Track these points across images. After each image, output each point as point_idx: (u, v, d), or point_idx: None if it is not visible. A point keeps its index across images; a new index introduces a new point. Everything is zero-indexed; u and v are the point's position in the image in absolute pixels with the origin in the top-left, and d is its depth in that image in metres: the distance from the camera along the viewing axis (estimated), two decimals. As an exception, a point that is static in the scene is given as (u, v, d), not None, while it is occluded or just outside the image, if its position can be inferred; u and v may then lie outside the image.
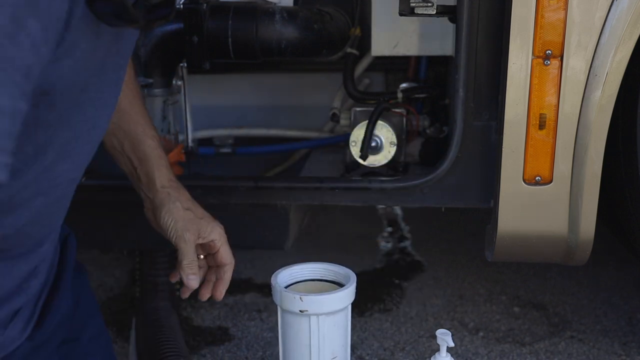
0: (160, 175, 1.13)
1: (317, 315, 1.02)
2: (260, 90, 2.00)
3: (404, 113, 1.62)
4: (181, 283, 1.12)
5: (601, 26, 1.24)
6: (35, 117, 0.71)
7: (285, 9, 1.65)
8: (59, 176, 0.83)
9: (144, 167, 1.12)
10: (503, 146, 1.31)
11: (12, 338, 0.88)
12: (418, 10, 1.31)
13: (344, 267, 1.11)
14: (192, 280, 1.11)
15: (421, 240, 2.37)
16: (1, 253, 0.83)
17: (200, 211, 1.14)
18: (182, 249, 1.10)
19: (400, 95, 1.64)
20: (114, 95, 0.89)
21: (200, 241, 1.12)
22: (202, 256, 1.17)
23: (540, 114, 1.28)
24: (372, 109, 1.53)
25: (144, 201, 1.16)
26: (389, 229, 2.48)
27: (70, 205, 1.01)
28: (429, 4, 1.31)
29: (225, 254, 1.15)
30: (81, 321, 1.08)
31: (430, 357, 1.13)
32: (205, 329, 1.78)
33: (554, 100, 1.27)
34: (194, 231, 1.10)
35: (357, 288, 1.07)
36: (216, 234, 1.13)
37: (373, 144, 1.52)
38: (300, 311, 1.01)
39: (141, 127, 1.13)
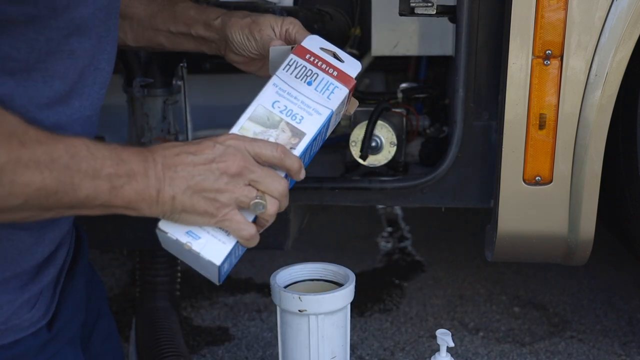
0: (206, 14, 1.11)
1: (317, 315, 1.02)
2: (260, 90, 2.00)
3: (404, 113, 1.62)
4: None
5: (601, 26, 1.24)
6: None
7: (285, 9, 1.65)
8: (75, 112, 0.86)
9: (193, 26, 1.11)
10: (503, 146, 1.31)
11: (33, 321, 0.89)
12: (418, 10, 1.31)
13: (343, 267, 1.11)
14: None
15: (421, 240, 2.37)
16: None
17: (263, 15, 1.10)
18: (261, 47, 1.08)
19: (400, 95, 1.64)
20: (113, 41, 0.92)
21: (273, 35, 1.08)
22: None
23: (540, 114, 1.28)
24: (372, 109, 1.53)
25: (221, 52, 1.13)
26: (389, 229, 2.48)
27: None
28: (429, 4, 1.31)
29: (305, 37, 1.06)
30: (92, 319, 1.08)
31: (430, 357, 1.13)
32: (205, 329, 1.79)
33: (554, 100, 1.27)
34: (261, 28, 1.07)
35: (356, 288, 1.07)
36: (288, 23, 1.08)
37: (373, 144, 1.52)
38: (300, 311, 1.01)
39: (168, 2, 1.13)
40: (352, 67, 1.01)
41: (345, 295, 1.05)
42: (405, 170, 1.58)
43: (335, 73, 0.98)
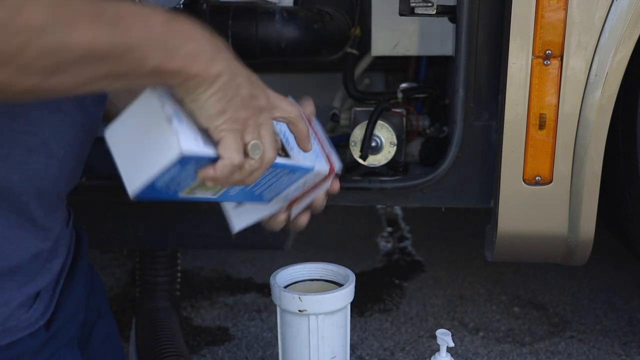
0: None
1: (317, 315, 1.02)
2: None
3: (404, 113, 1.62)
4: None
5: (601, 26, 1.24)
6: None
7: (285, 9, 1.65)
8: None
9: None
10: (503, 146, 1.31)
11: (31, 322, 0.88)
12: (418, 10, 1.31)
13: (343, 267, 1.11)
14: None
15: (421, 240, 2.37)
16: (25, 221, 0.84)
17: None
18: None
19: (400, 95, 1.64)
20: None
21: None
22: None
23: (540, 114, 1.28)
24: (372, 109, 1.53)
25: None
26: (389, 229, 2.48)
27: (71, 205, 1.02)
28: (429, 4, 1.31)
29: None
30: (92, 319, 1.08)
31: (430, 357, 1.13)
32: (205, 329, 1.79)
33: (554, 100, 1.27)
34: None
35: (356, 288, 1.07)
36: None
37: (373, 144, 1.52)
38: (300, 311, 1.01)
39: None
40: (337, 160, 1.03)
41: (345, 295, 1.05)
42: (405, 170, 1.58)
43: (326, 151, 1.02)
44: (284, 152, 0.93)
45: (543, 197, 1.33)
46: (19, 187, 0.83)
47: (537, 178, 1.32)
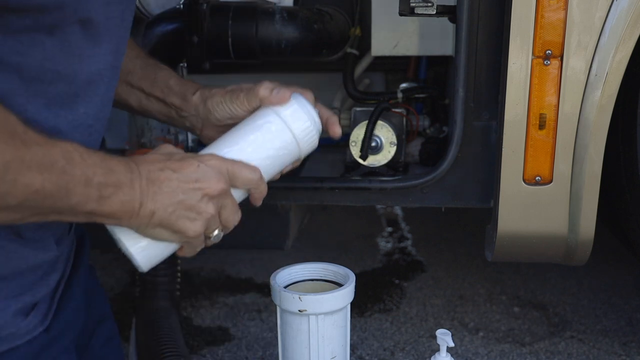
0: (186, 87, 1.08)
1: (317, 315, 1.02)
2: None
3: (404, 113, 1.62)
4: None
5: (601, 26, 1.24)
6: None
7: (285, 9, 1.65)
8: (77, 118, 0.85)
9: (169, 95, 1.09)
10: (503, 146, 1.31)
11: (29, 329, 0.88)
12: (418, 10, 1.31)
13: (343, 267, 1.11)
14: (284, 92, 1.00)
15: (421, 240, 2.37)
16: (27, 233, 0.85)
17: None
18: (252, 104, 1.02)
19: (400, 95, 1.64)
20: (122, 54, 0.92)
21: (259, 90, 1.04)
22: None
23: (540, 114, 1.28)
24: (372, 109, 1.53)
25: (195, 129, 1.10)
26: (389, 229, 2.48)
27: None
28: (429, 4, 1.31)
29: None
30: (93, 324, 1.08)
31: (430, 357, 1.13)
32: (205, 329, 1.78)
33: (554, 100, 1.27)
34: (243, 89, 1.04)
35: (356, 288, 1.07)
36: (266, 83, 1.04)
37: (373, 144, 1.52)
38: (300, 311, 1.01)
39: (151, 64, 1.11)
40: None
41: (345, 296, 1.05)
42: (405, 170, 1.58)
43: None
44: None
45: (543, 197, 1.33)
46: None
47: (537, 178, 1.32)
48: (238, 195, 0.93)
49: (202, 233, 0.87)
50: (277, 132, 0.97)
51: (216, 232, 0.89)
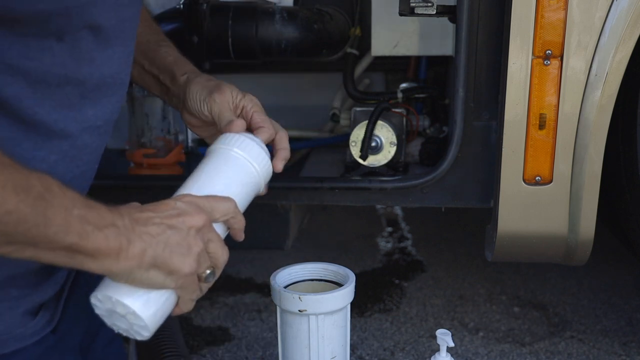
0: (178, 67, 1.07)
1: (317, 315, 1.02)
2: (260, 90, 2.00)
3: (404, 113, 1.62)
4: None
5: (601, 26, 1.24)
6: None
7: (285, 9, 1.65)
8: (86, 120, 0.85)
9: (163, 72, 1.08)
10: (503, 146, 1.31)
11: (37, 329, 0.88)
12: (418, 10, 1.31)
13: (343, 267, 1.11)
14: (237, 126, 1.00)
15: (421, 240, 2.37)
16: None
17: (228, 83, 1.06)
18: (214, 111, 1.02)
19: (400, 95, 1.64)
20: (131, 54, 0.91)
21: (231, 103, 1.04)
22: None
23: (540, 114, 1.28)
24: (372, 109, 1.53)
25: (179, 108, 1.09)
26: (389, 229, 2.48)
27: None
28: (429, 4, 1.31)
29: (261, 120, 1.04)
30: (96, 325, 1.08)
31: (430, 357, 1.13)
32: (205, 329, 1.79)
33: (554, 100, 1.27)
34: (222, 92, 1.03)
35: (356, 288, 1.07)
36: (247, 100, 1.04)
37: (373, 144, 1.52)
38: (300, 311, 1.01)
39: (153, 41, 1.10)
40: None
41: (345, 296, 1.05)
42: (405, 170, 1.58)
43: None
44: None
45: (543, 197, 1.33)
46: None
47: (537, 178, 1.32)
48: (220, 231, 0.90)
49: (195, 270, 0.83)
50: (241, 166, 0.98)
51: (208, 271, 0.84)
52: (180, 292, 0.84)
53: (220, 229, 0.90)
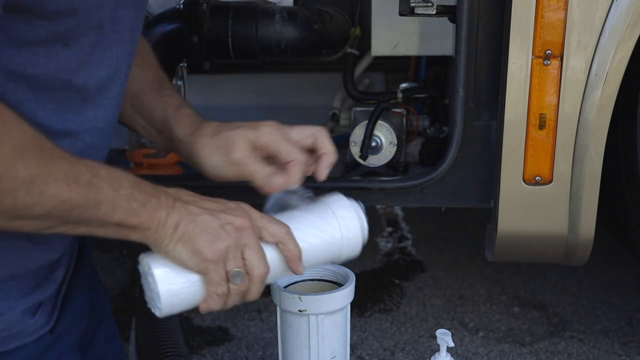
0: (179, 126, 1.02)
1: (316, 315, 1.02)
2: (260, 90, 2.00)
3: (404, 113, 1.62)
4: None
5: (601, 26, 1.24)
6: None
7: (285, 9, 1.65)
8: (86, 122, 0.85)
9: (165, 131, 1.04)
10: (503, 146, 1.31)
11: (36, 328, 0.89)
12: (418, 10, 1.31)
13: (343, 267, 1.10)
14: (275, 185, 0.97)
15: (421, 240, 2.37)
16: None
17: (234, 124, 1.00)
18: (239, 173, 0.98)
19: (400, 95, 1.64)
20: (132, 54, 0.91)
21: (250, 153, 0.97)
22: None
23: (540, 114, 1.28)
24: (372, 109, 1.53)
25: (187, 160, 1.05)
26: (389, 229, 2.48)
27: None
28: (429, 4, 1.31)
29: (286, 150, 0.98)
30: (95, 323, 1.08)
31: (430, 357, 1.13)
32: (205, 329, 1.79)
33: (554, 100, 1.27)
34: (235, 148, 0.97)
35: (357, 288, 1.07)
36: (262, 135, 0.98)
37: (373, 144, 1.52)
38: (300, 311, 1.01)
39: (152, 93, 1.06)
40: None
41: (345, 296, 1.04)
42: (405, 170, 1.58)
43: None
44: None
45: (543, 197, 1.33)
46: None
47: (537, 178, 1.32)
48: (270, 252, 0.89)
49: (220, 259, 0.83)
50: (330, 231, 0.96)
51: (236, 269, 0.84)
52: (205, 280, 0.85)
53: (271, 252, 0.89)
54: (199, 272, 0.85)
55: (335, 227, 0.96)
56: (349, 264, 1.14)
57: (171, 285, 0.86)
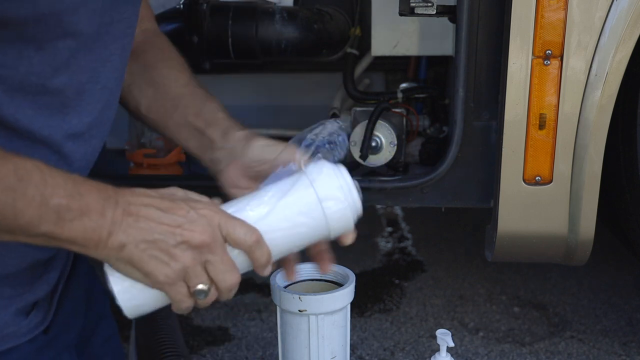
0: (232, 124, 1.00)
1: (317, 315, 1.02)
2: (260, 90, 2.00)
3: (404, 113, 1.62)
4: None
5: (601, 26, 1.24)
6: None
7: (285, 9, 1.65)
8: (71, 127, 0.83)
9: (211, 127, 1.01)
10: (503, 146, 1.31)
11: (30, 328, 0.88)
12: (418, 10, 1.31)
13: (343, 267, 1.10)
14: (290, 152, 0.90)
15: (421, 240, 2.37)
16: None
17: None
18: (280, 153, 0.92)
19: (400, 95, 1.64)
20: (121, 56, 0.88)
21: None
22: None
23: (540, 114, 1.28)
24: (372, 109, 1.53)
25: (219, 164, 1.01)
26: (389, 229, 2.48)
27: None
28: (429, 4, 1.31)
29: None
30: (93, 322, 1.08)
31: (430, 357, 1.13)
32: (205, 329, 1.79)
33: (554, 100, 1.27)
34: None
35: (357, 288, 1.07)
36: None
37: (373, 144, 1.52)
38: (300, 311, 1.01)
39: (198, 97, 1.04)
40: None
41: (345, 296, 1.04)
42: (405, 170, 1.58)
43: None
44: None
45: (543, 197, 1.33)
46: None
47: (537, 178, 1.32)
48: (238, 257, 0.83)
49: (176, 281, 0.79)
50: (305, 204, 0.86)
51: (201, 286, 0.79)
52: (170, 297, 0.81)
53: (239, 256, 0.83)
54: (158, 289, 0.80)
55: (318, 210, 0.86)
56: (349, 264, 1.14)
57: (132, 300, 0.81)
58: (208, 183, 1.55)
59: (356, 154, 1.52)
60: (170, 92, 1.00)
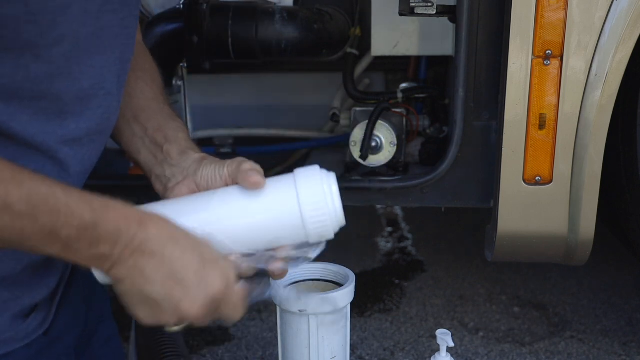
0: (192, 146, 0.99)
1: (317, 315, 1.02)
2: (260, 90, 2.00)
3: (404, 113, 1.62)
4: None
5: (601, 26, 1.24)
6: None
7: (285, 9, 1.65)
8: (68, 133, 0.83)
9: (171, 144, 0.99)
10: (503, 146, 1.31)
11: (28, 332, 0.88)
12: (418, 10, 1.31)
13: (343, 267, 1.10)
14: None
15: (421, 240, 2.37)
16: None
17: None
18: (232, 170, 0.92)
19: (400, 95, 1.64)
20: (122, 61, 0.88)
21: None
22: None
23: (540, 114, 1.28)
24: (372, 109, 1.53)
25: (168, 180, 1.00)
26: (389, 229, 2.48)
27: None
28: (429, 4, 1.31)
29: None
30: (93, 324, 1.08)
31: (430, 357, 1.13)
32: (205, 329, 1.79)
33: (554, 100, 1.27)
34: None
35: (357, 288, 1.07)
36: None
37: (373, 144, 1.52)
38: (300, 311, 1.01)
39: (164, 114, 1.03)
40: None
41: (345, 296, 1.04)
42: (405, 170, 1.58)
43: None
44: None
45: (543, 197, 1.33)
46: None
47: (537, 178, 1.32)
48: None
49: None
50: (283, 201, 0.88)
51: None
52: None
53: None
54: None
55: (296, 208, 0.89)
56: (349, 264, 1.14)
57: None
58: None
59: (356, 154, 1.52)
60: (132, 102, 0.99)
